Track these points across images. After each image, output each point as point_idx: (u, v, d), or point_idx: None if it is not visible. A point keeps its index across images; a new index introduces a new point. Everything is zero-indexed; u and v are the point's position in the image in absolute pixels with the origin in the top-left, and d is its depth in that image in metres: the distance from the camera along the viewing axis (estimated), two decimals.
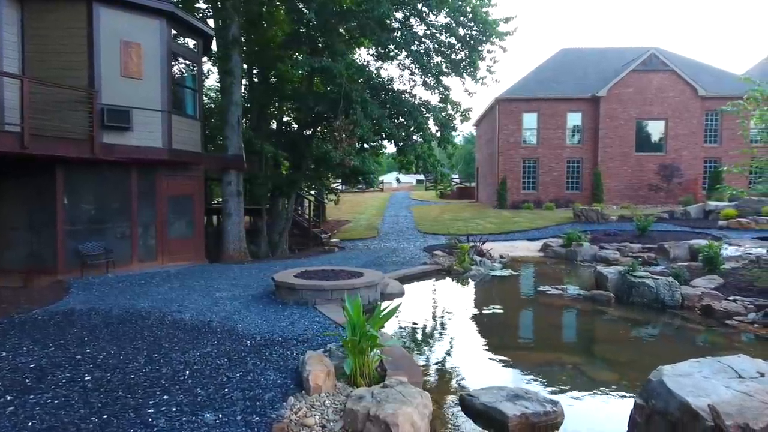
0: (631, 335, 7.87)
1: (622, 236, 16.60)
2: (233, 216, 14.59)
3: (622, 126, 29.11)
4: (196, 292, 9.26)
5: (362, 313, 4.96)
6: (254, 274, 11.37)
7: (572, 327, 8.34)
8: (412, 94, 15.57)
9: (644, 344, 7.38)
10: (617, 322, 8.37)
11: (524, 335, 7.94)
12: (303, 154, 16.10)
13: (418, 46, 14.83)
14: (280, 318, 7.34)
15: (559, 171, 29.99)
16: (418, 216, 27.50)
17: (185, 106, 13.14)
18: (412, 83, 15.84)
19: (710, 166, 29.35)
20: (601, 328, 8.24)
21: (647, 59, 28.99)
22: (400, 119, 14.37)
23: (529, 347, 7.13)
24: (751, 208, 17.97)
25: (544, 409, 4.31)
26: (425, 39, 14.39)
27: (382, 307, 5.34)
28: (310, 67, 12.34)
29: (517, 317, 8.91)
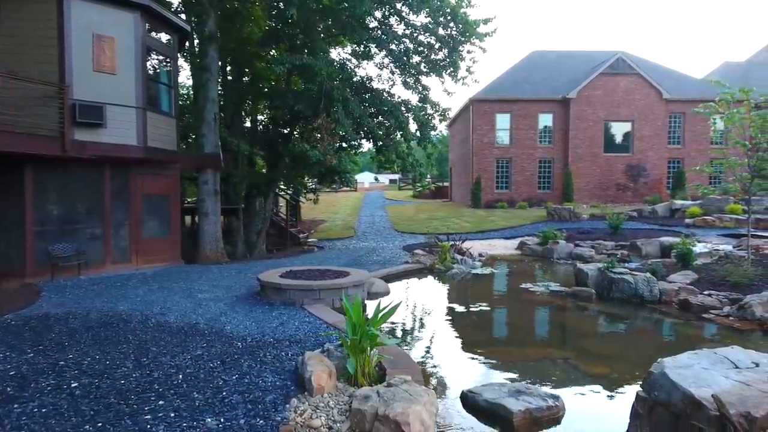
0: (615, 330, 8.09)
1: (595, 234, 17.05)
2: (210, 216, 14.25)
3: (591, 127, 29.92)
4: (177, 293, 8.99)
5: (362, 313, 4.91)
6: (234, 275, 11.14)
7: (558, 323, 8.50)
8: (391, 93, 15.57)
9: (629, 338, 7.58)
10: (600, 317, 8.57)
11: (513, 332, 8.03)
12: (280, 153, 15.87)
13: (398, 46, 14.85)
14: (268, 319, 7.20)
15: (531, 171, 30.58)
16: (394, 215, 27.57)
17: (160, 102, 12.75)
18: (391, 83, 15.83)
19: (674, 166, 30.49)
20: (586, 323, 8.42)
21: (615, 63, 29.88)
22: (380, 118, 14.34)
23: (519, 343, 7.21)
24: (715, 206, 18.75)
25: (546, 404, 4.36)
26: (405, 39, 14.41)
27: (368, 306, 5.30)
28: (290, 64, 12.17)
29: (505, 314, 9.02)
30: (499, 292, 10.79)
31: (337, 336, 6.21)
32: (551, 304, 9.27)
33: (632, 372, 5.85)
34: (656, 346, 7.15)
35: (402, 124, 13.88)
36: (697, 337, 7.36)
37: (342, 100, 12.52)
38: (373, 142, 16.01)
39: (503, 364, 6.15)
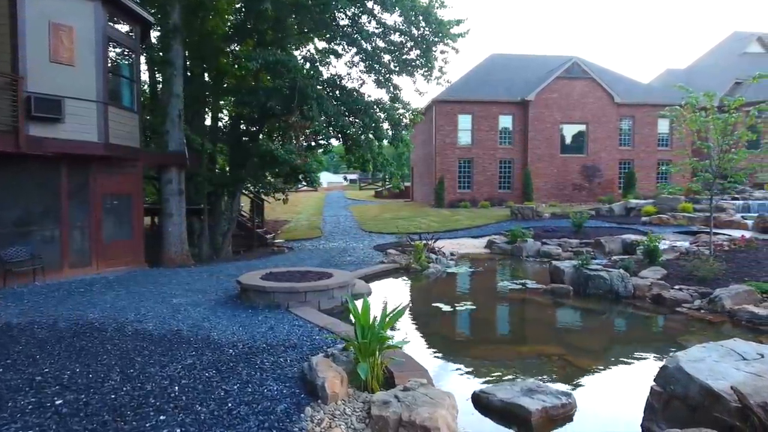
0: (597, 325, 8.32)
1: (560, 232, 17.55)
2: (174, 216, 13.61)
3: (549, 129, 30.88)
4: (149, 299, 8.49)
5: (370, 315, 4.76)
6: (207, 278, 10.66)
7: (543, 319, 8.63)
8: (360, 93, 15.41)
9: (613, 332, 7.82)
10: (581, 312, 8.80)
11: (503, 330, 8.08)
12: (248, 152, 15.37)
13: (369, 44, 14.71)
14: (255, 323, 6.90)
15: (492, 171, 31.21)
16: (359, 215, 27.41)
17: (122, 97, 12.04)
18: (361, 81, 15.68)
19: (624, 167, 31.94)
20: (569, 319, 8.62)
21: (570, 67, 30.96)
22: (351, 117, 14.15)
23: (511, 341, 7.28)
24: (668, 205, 19.76)
25: (560, 402, 4.38)
26: (376, 37, 14.29)
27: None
28: (263, 60, 11.79)
29: (490, 312, 9.08)
30: (479, 291, 10.87)
31: (332, 339, 6.04)
32: (532, 302, 9.43)
33: (626, 365, 6.01)
34: (640, 340, 7.40)
35: (376, 122, 13.77)
36: (674, 329, 7.67)
37: (316, 98, 12.26)
38: (343, 141, 15.80)
39: (501, 362, 6.16)
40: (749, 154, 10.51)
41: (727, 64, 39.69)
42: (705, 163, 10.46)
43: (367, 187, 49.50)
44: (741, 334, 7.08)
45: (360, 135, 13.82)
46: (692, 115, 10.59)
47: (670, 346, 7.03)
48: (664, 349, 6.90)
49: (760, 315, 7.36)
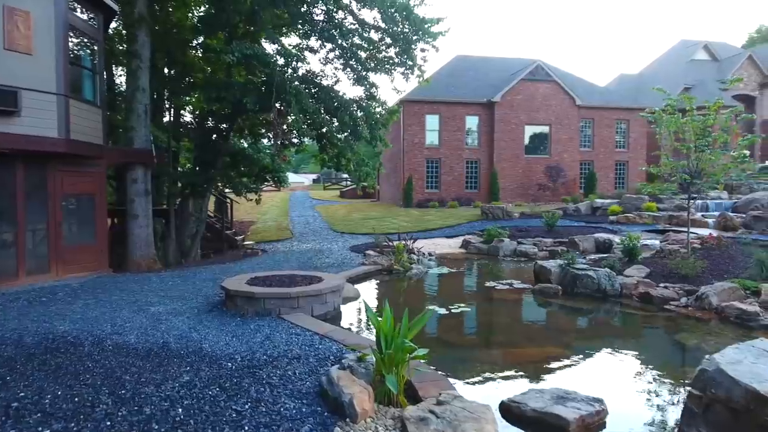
0: (594, 324, 8.34)
1: (533, 232, 17.76)
2: (140, 218, 12.79)
3: (514, 130, 31.41)
4: (124, 308, 7.83)
5: (391, 322, 4.45)
6: (181, 284, 10.00)
7: (540, 320, 8.58)
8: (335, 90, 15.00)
9: (610, 332, 7.82)
10: (575, 312, 8.81)
11: (504, 332, 7.83)
12: (218, 150, 14.68)
13: (346, 41, 14.33)
14: (248, 332, 6.43)
15: (459, 171, 31.44)
16: (327, 215, 26.93)
17: (84, 89, 11.16)
18: (336, 79, 15.27)
19: (585, 168, 32.93)
20: (566, 319, 8.60)
21: (534, 70, 31.61)
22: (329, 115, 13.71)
23: (515, 343, 7.10)
24: (632, 204, 20.41)
25: (594, 408, 4.23)
26: (353, 34, 13.93)
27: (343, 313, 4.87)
28: (240, 53, 11.21)
29: (486, 313, 8.93)
30: (468, 292, 10.73)
31: (338, 349, 5.69)
32: (523, 302, 9.38)
33: (638, 366, 5.97)
34: (641, 340, 7.43)
35: (355, 121, 13.41)
36: (668, 327, 7.77)
37: (295, 94, 11.79)
38: (317, 140, 15.34)
39: (512, 366, 6.00)
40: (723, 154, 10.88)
41: (676, 70, 41.74)
42: (683, 163, 10.74)
43: (332, 187, 48.90)
44: (732, 330, 7.26)
45: (337, 134, 13.42)
46: (669, 117, 10.84)
47: (671, 345, 7.10)
48: (668, 349, 6.96)
49: (748, 311, 7.55)
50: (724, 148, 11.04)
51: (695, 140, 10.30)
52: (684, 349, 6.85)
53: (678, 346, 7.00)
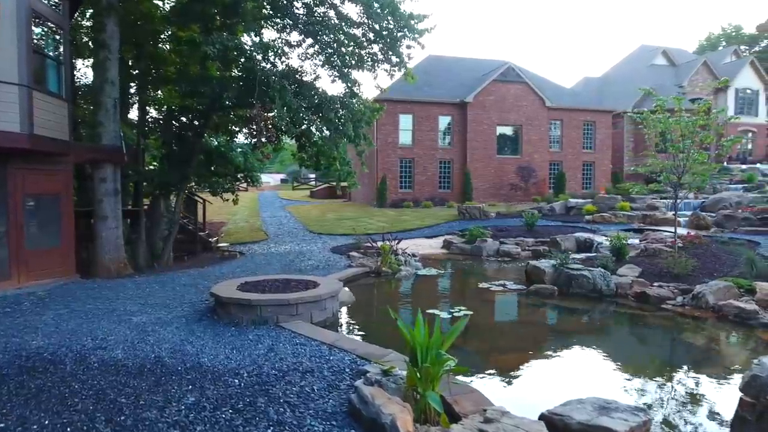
0: (598, 326, 8.24)
1: (513, 231, 17.77)
2: (110, 220, 11.93)
3: (486, 130, 31.61)
4: (102, 318, 7.16)
5: (425, 332, 4.10)
6: (160, 290, 9.32)
7: (542, 322, 8.43)
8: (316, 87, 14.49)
9: (617, 333, 7.74)
10: (576, 314, 8.72)
11: (515, 336, 7.52)
12: (192, 148, 13.93)
13: (328, 36, 13.85)
14: (248, 344, 5.94)
15: (432, 171, 31.38)
16: (300, 216, 26.29)
17: (49, 80, 10.28)
18: (315, 75, 14.77)
19: (554, 168, 33.53)
20: (568, 321, 8.48)
21: (505, 71, 31.91)
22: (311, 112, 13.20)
23: (530, 348, 6.86)
24: (606, 204, 20.80)
25: (641, 419, 4.01)
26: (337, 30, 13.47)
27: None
28: (222, 45, 10.57)
29: (490, 317, 8.66)
30: (463, 294, 10.48)
31: (351, 360, 5.30)
32: (523, 303, 9.23)
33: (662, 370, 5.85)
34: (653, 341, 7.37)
35: (340, 118, 12.96)
36: (672, 327, 7.76)
37: (279, 90, 11.25)
38: (296, 138, 14.80)
39: (534, 372, 5.77)
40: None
41: (637, 74, 43.11)
42: (669, 162, 10.87)
43: (301, 187, 48.00)
44: (733, 329, 7.30)
45: (320, 131, 12.92)
46: (656, 117, 10.95)
47: (686, 346, 7.05)
48: (685, 351, 6.89)
49: (747, 310, 7.61)
50: (704, 149, 11.23)
51: (682, 140, 10.43)
52: (700, 350, 6.79)
53: (693, 348, 6.96)
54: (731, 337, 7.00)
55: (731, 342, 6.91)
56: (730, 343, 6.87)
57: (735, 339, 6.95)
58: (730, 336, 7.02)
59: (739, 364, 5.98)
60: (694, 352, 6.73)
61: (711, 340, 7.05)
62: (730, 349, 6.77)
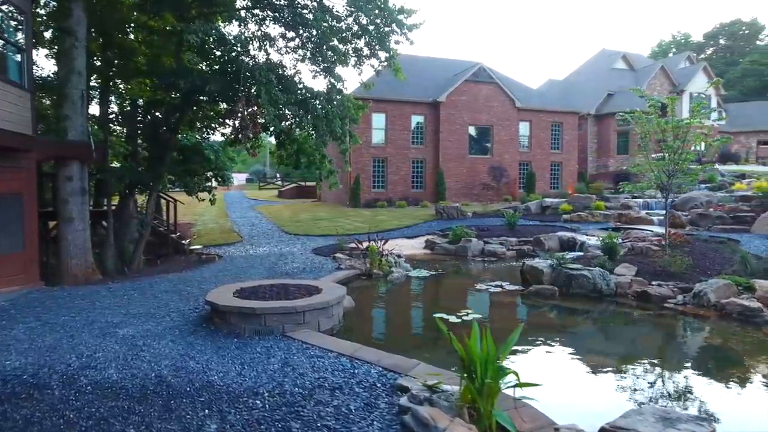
0: (605, 326, 8.11)
1: (494, 231, 17.69)
2: (76, 221, 10.98)
3: (458, 130, 31.67)
4: (82, 331, 6.42)
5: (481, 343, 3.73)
6: (140, 298, 8.56)
7: (556, 325, 8.16)
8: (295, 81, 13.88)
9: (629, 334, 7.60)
10: (583, 315, 8.58)
11: (540, 341, 7.11)
12: (167, 144, 13.06)
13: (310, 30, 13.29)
14: (258, 358, 5.40)
15: (406, 171, 31.15)
16: (272, 216, 25.48)
17: (10, 69, 9.31)
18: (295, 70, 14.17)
19: (524, 168, 33.99)
20: (580, 323, 8.27)
21: (477, 71, 32.07)
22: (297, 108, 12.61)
23: (558, 353, 6.57)
24: (581, 204, 21.10)
25: (707, 430, 3.78)
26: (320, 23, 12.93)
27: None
28: (205, 34, 9.85)
29: (502, 320, 8.25)
30: (464, 296, 10.11)
31: (379, 373, 4.87)
32: (526, 305, 9.03)
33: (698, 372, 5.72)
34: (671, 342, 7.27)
35: (329, 115, 12.42)
36: (679, 326, 7.72)
37: (266, 83, 10.63)
38: (275, 135, 14.16)
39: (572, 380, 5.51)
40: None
41: (599, 77, 44.43)
42: (661, 162, 10.95)
43: (268, 186, 46.80)
44: (741, 328, 7.30)
45: (308, 127, 12.32)
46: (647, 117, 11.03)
47: (702, 346, 6.97)
48: (705, 351, 6.78)
49: (752, 308, 7.66)
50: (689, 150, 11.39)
51: (674, 141, 10.53)
52: (722, 351, 6.69)
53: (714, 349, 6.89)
54: (746, 336, 6.98)
55: (749, 342, 6.88)
56: (748, 343, 6.84)
57: (752, 339, 6.93)
58: (744, 336, 7.00)
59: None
60: (718, 353, 6.64)
61: (727, 340, 7.02)
62: (751, 349, 6.72)
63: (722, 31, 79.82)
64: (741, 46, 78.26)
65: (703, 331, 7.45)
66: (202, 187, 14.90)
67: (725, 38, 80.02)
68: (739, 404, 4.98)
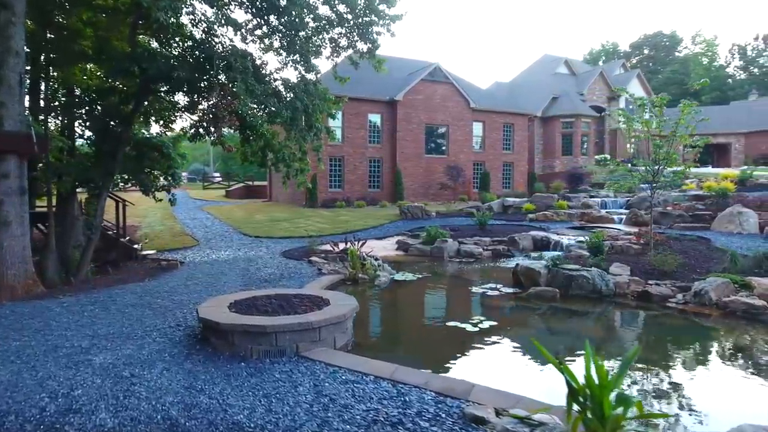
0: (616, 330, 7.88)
1: (465, 231, 17.44)
2: (14, 226, 9.43)
3: (415, 129, 31.43)
4: (45, 360, 5.25)
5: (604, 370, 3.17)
6: (104, 315, 7.33)
7: (568, 330, 7.80)
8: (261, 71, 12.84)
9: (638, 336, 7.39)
10: (593, 318, 8.31)
11: (571, 350, 6.76)
12: (120, 138, 11.61)
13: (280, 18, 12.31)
14: (283, 387, 4.55)
15: (363, 170, 30.50)
16: (225, 218, 23.96)
17: None
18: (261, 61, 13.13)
19: (478, 168, 34.34)
20: (599, 328, 7.91)
21: (433, 71, 31.98)
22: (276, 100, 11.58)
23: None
24: (543, 203, 21.37)
25: None
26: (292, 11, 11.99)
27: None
28: (175, 13, 8.64)
29: (520, 327, 7.62)
30: (464, 300, 9.51)
31: (435, 400, 4.20)
32: (532, 309, 8.65)
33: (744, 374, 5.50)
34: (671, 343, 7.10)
35: (306, 109, 11.51)
36: (690, 326, 7.63)
37: (242, 71, 9.59)
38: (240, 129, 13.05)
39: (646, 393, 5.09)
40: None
41: (542, 81, 45.94)
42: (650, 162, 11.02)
43: (212, 186, 44.41)
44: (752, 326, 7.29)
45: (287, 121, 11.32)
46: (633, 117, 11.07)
47: (729, 347, 6.83)
48: (737, 353, 6.62)
49: (756, 306, 7.71)
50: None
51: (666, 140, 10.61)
52: (746, 351, 6.57)
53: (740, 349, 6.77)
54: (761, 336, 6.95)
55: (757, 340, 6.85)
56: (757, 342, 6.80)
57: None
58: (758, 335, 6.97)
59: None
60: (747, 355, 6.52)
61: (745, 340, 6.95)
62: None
63: (646, 42, 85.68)
64: (662, 56, 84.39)
65: (721, 331, 7.37)
66: (160, 185, 13.43)
67: (649, 48, 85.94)
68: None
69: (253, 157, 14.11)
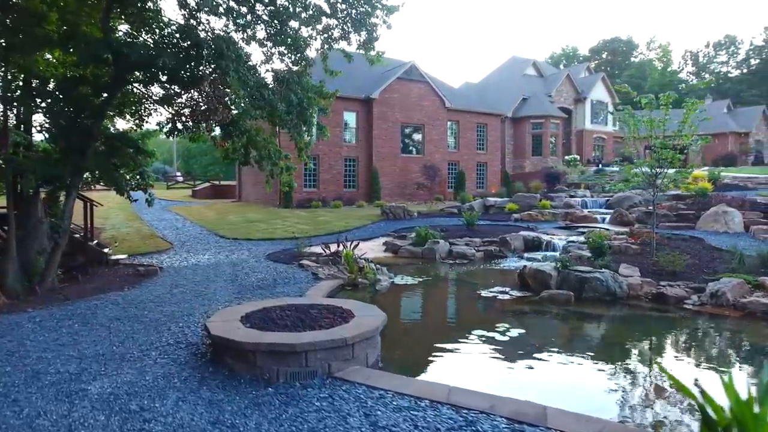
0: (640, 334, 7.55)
1: (453, 231, 17.04)
2: None
3: (391, 128, 30.95)
4: (28, 390, 4.39)
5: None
6: (86, 332, 6.41)
7: (591, 336, 7.45)
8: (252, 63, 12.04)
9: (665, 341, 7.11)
10: (608, 321, 8.01)
11: (580, 353, 6.41)
12: (90, 133, 10.52)
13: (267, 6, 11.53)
14: (331, 419, 3.89)
15: (338, 169, 29.79)
16: (196, 218, 22.78)
17: None
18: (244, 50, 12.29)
19: (452, 168, 34.21)
20: (632, 333, 7.46)
21: (409, 69, 31.59)
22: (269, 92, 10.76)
23: (601, 369, 5.81)
24: (526, 203, 21.28)
25: None
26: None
27: None
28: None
29: (549, 335, 7.12)
30: (478, 305, 8.93)
31: (511, 428, 3.67)
32: (549, 313, 8.26)
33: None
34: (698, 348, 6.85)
35: (301, 103, 10.74)
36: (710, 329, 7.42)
37: (235, 59, 8.78)
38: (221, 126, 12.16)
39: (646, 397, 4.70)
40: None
41: (512, 82, 46.46)
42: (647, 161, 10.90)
43: (177, 186, 42.48)
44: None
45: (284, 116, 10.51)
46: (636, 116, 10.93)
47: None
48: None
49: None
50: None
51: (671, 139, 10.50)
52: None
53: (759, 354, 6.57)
54: None
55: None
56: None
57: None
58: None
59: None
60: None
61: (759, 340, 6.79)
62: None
63: (605, 47, 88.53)
64: (620, 61, 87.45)
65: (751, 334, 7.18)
66: (135, 185, 12.34)
67: (607, 53, 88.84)
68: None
69: (234, 154, 13.21)
